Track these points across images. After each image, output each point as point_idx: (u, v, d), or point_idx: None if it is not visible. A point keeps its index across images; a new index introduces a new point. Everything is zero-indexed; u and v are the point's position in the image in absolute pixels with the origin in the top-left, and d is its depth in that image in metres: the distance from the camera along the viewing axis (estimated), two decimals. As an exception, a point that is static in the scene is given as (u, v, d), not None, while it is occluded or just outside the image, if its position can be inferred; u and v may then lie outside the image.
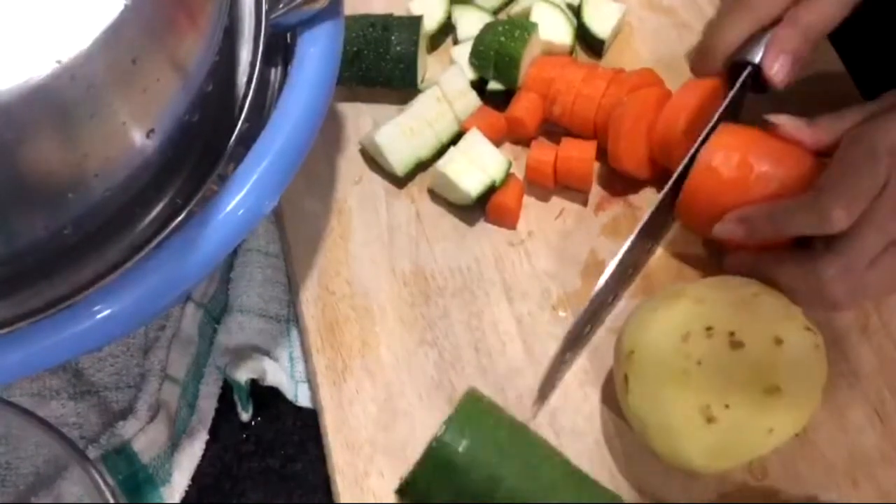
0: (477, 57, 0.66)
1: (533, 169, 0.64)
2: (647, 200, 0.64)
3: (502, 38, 0.65)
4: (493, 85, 0.66)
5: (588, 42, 0.69)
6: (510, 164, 0.63)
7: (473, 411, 0.54)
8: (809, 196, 0.54)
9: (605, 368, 0.59)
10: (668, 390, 0.53)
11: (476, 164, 0.62)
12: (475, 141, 0.63)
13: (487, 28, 0.66)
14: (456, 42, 0.70)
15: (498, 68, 0.66)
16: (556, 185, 0.64)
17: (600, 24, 0.68)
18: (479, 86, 0.67)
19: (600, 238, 0.64)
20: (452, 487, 0.52)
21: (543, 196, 0.65)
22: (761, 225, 0.56)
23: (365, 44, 0.66)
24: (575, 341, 0.59)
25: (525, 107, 0.65)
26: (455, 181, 0.62)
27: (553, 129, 0.66)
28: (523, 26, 0.65)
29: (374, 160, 0.66)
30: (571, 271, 0.63)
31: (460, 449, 0.52)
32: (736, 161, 0.57)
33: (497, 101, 0.66)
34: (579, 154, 0.63)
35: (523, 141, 0.66)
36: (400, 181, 0.65)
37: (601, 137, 0.64)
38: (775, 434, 0.52)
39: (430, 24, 0.69)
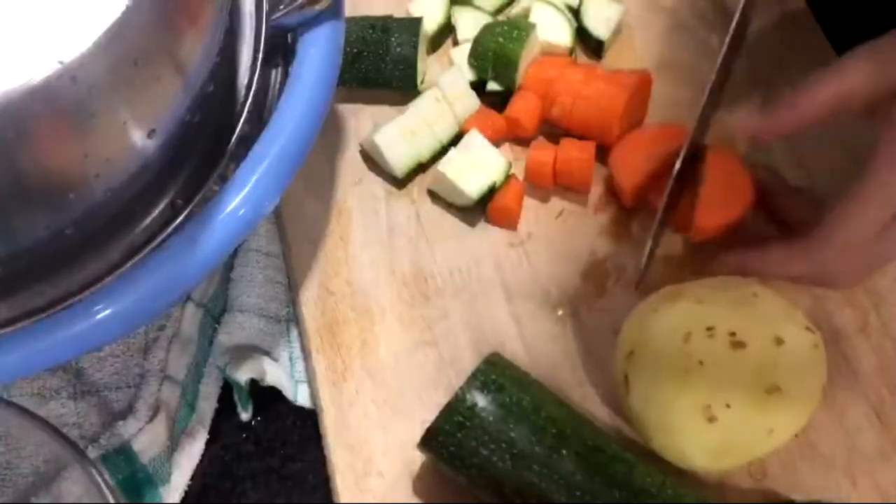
0: (475, 58, 0.66)
1: (532, 170, 0.64)
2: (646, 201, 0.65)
3: (500, 39, 0.65)
4: (492, 85, 0.66)
5: (588, 43, 0.69)
6: (510, 166, 0.63)
7: (497, 370, 0.54)
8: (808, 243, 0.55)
9: (605, 368, 0.59)
10: (668, 390, 0.53)
11: (476, 166, 0.63)
12: (475, 142, 0.63)
13: (486, 29, 0.66)
14: (456, 43, 0.70)
15: (496, 69, 0.66)
16: (555, 185, 0.64)
17: (600, 25, 0.68)
18: (478, 87, 0.67)
19: (600, 238, 0.64)
20: (472, 441, 0.52)
21: (543, 197, 0.65)
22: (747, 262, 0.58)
23: (365, 45, 0.66)
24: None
25: (523, 108, 0.65)
26: (455, 183, 0.62)
27: (553, 131, 0.66)
28: (521, 27, 0.65)
29: (373, 161, 0.66)
30: (571, 272, 0.63)
31: (481, 404, 0.52)
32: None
33: (496, 101, 0.67)
34: (579, 155, 0.63)
35: (523, 141, 0.66)
36: (400, 182, 0.65)
37: (600, 138, 0.64)
38: (776, 434, 0.53)
39: (430, 25, 0.69)
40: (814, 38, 0.70)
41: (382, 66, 0.66)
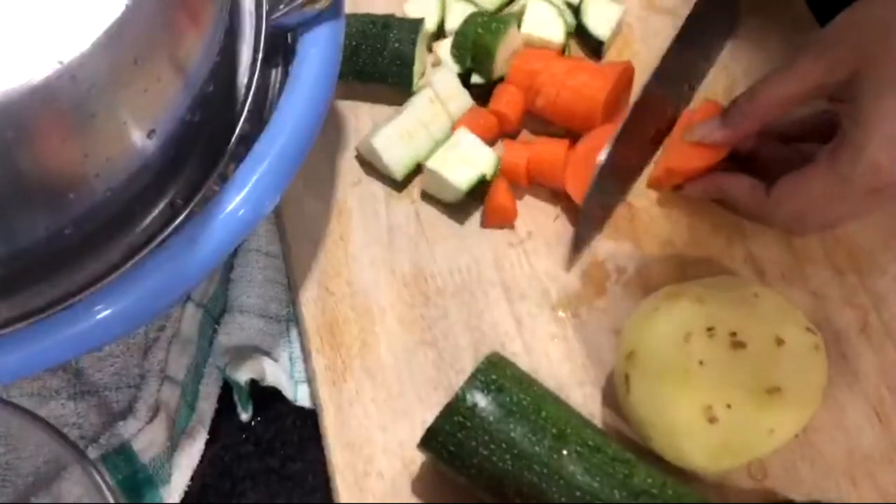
0: (457, 48, 0.66)
1: (507, 171, 0.64)
2: (646, 202, 0.65)
3: (479, 31, 0.65)
4: (475, 78, 0.66)
5: (588, 42, 0.69)
6: (499, 160, 0.63)
7: (497, 370, 0.54)
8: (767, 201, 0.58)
9: (606, 368, 0.59)
10: (669, 390, 0.53)
11: (464, 160, 0.62)
12: (463, 139, 0.63)
13: (469, 19, 0.66)
14: (445, 37, 0.70)
15: (475, 60, 0.66)
16: (529, 184, 0.64)
17: (600, 24, 0.68)
18: (465, 80, 0.67)
19: (600, 239, 0.64)
20: (472, 441, 0.52)
21: (542, 197, 0.65)
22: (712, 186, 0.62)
23: (363, 39, 0.66)
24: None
25: (506, 100, 0.65)
26: (444, 176, 0.62)
27: (543, 129, 0.66)
28: (502, 20, 0.65)
29: (371, 165, 0.66)
30: (571, 272, 0.63)
31: (481, 404, 0.52)
32: None
33: (481, 94, 0.67)
34: (551, 156, 0.63)
35: (513, 136, 0.66)
36: (399, 184, 0.65)
37: (584, 127, 0.64)
38: (776, 434, 0.53)
39: (429, 24, 0.68)
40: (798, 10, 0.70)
41: (379, 59, 0.66)
